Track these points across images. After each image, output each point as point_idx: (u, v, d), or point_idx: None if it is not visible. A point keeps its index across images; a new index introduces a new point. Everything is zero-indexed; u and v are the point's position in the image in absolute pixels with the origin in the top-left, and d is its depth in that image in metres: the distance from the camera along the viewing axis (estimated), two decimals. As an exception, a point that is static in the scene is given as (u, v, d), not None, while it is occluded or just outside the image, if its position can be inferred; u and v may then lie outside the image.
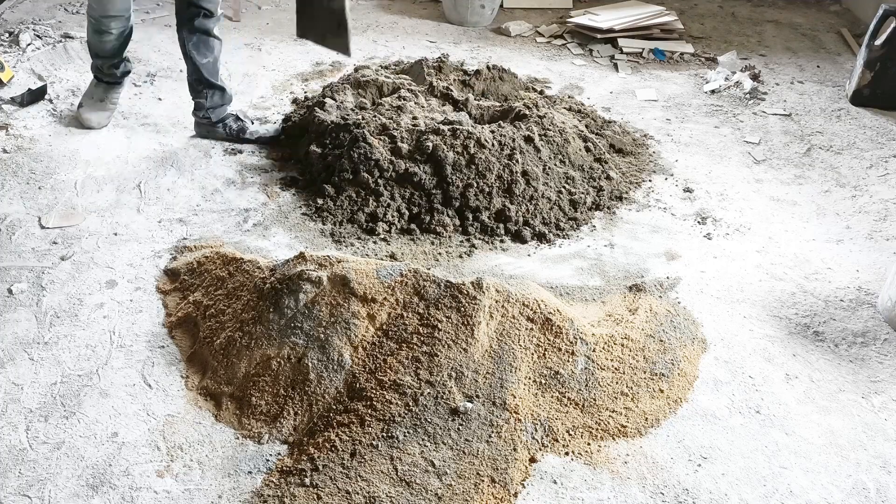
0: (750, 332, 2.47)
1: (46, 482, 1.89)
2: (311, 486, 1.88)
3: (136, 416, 2.08)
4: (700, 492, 1.95)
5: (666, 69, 4.41)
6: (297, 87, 3.93)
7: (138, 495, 1.87)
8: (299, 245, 2.76)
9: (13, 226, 2.79)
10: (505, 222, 2.91)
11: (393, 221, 2.87)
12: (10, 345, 2.28)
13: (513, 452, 1.98)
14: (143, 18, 4.65)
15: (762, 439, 2.10)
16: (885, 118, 3.88)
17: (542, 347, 2.18)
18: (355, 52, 4.39)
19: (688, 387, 2.25)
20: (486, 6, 4.80)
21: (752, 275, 2.75)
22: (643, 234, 2.95)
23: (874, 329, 2.53)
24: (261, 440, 2.03)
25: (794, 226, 3.05)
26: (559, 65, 4.41)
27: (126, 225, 2.83)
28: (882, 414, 2.21)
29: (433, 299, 2.21)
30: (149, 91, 3.81)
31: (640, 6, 4.89)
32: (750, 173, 3.41)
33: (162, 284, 2.55)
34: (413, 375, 2.07)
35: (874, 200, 3.23)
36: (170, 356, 2.28)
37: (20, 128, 3.39)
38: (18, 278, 2.54)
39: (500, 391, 2.07)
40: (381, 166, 2.95)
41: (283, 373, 2.14)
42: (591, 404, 2.13)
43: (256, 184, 3.12)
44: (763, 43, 4.82)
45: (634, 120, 3.81)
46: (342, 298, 2.21)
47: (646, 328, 2.36)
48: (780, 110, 3.97)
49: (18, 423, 2.04)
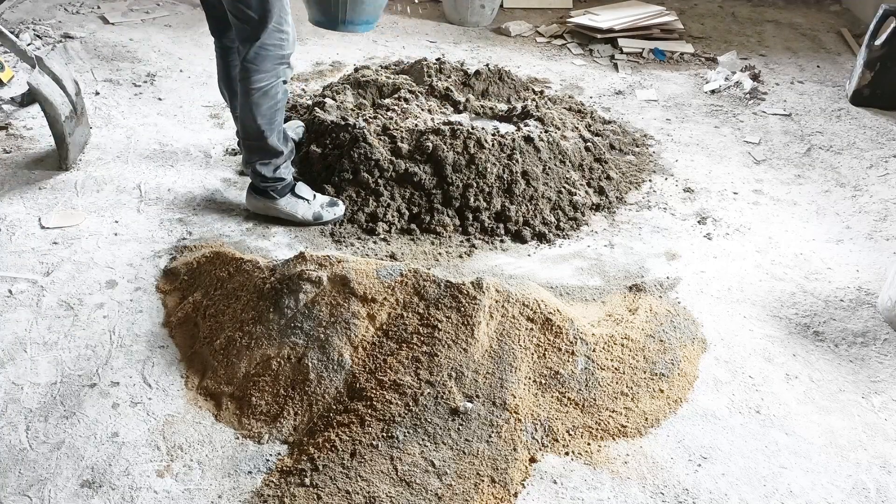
0: (750, 332, 2.47)
1: (46, 482, 1.89)
2: (311, 486, 1.88)
3: (136, 416, 2.08)
4: (700, 492, 1.95)
5: (666, 69, 4.41)
6: (297, 87, 3.93)
7: (138, 495, 1.87)
8: (299, 245, 2.76)
9: (13, 226, 2.79)
10: (505, 222, 2.91)
11: (393, 221, 2.87)
12: (10, 345, 2.28)
13: (513, 452, 1.98)
14: (143, 18, 4.66)
15: (762, 439, 2.10)
16: (885, 118, 3.88)
17: (542, 347, 2.18)
18: (355, 52, 4.40)
19: (688, 387, 2.25)
20: (486, 6, 4.80)
21: (752, 275, 2.75)
22: (643, 234, 2.95)
23: (874, 329, 2.53)
24: (261, 440, 2.03)
25: (794, 226, 3.05)
26: (559, 65, 4.41)
27: (126, 225, 2.83)
28: (882, 414, 2.21)
29: (433, 299, 2.21)
30: (149, 91, 3.81)
31: (640, 6, 4.89)
32: (750, 173, 3.41)
33: (162, 284, 2.54)
34: (413, 375, 2.07)
35: (874, 200, 3.23)
36: (170, 356, 2.28)
37: (20, 128, 3.39)
38: (18, 278, 2.54)
39: (500, 391, 2.07)
40: (381, 166, 2.95)
41: (283, 373, 2.14)
42: (591, 404, 2.13)
43: (256, 184, 3.12)
44: (763, 43, 4.82)
45: (634, 120, 3.81)
46: (342, 298, 2.21)
47: (646, 328, 2.36)
48: (780, 110, 3.97)
49: (18, 423, 2.04)
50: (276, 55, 2.54)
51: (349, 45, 4.49)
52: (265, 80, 2.56)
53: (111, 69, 4.00)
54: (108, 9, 4.74)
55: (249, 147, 2.72)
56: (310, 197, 2.85)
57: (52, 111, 2.94)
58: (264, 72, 2.55)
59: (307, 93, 3.85)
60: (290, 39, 2.58)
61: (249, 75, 2.55)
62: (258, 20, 2.45)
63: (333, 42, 4.52)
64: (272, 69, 2.56)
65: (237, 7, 2.45)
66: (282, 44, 2.54)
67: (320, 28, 2.77)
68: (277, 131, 2.69)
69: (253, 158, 2.73)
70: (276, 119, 2.66)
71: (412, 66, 3.80)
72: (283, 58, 2.58)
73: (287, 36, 2.55)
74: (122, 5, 4.82)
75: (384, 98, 3.49)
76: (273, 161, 2.73)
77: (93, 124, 3.44)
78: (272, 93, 2.59)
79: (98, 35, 4.38)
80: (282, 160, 2.75)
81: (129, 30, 4.49)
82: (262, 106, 2.60)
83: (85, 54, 4.14)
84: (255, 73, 2.54)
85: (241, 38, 2.54)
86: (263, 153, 2.71)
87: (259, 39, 2.48)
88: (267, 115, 2.62)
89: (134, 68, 4.02)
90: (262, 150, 2.70)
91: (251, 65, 2.53)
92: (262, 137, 2.66)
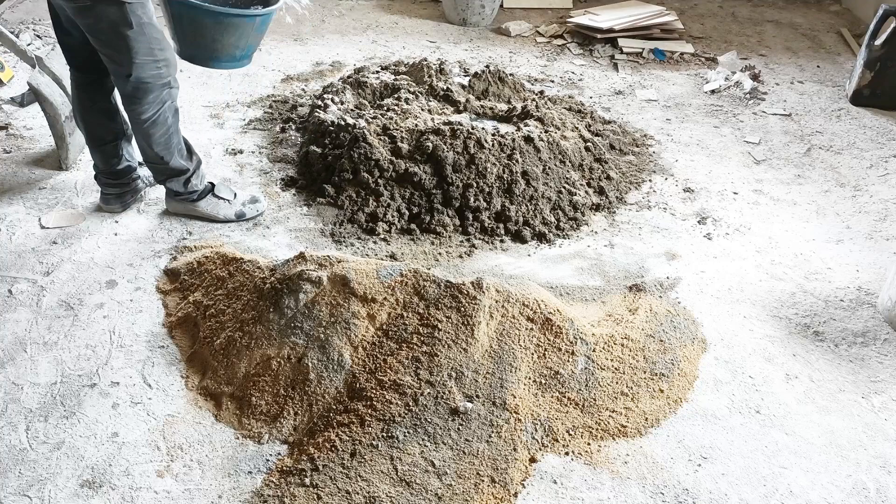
0: (750, 332, 2.47)
1: (46, 482, 1.89)
2: (311, 486, 1.88)
3: (136, 416, 2.08)
4: (700, 492, 1.95)
5: (666, 69, 4.41)
6: (297, 87, 3.93)
7: (138, 495, 1.87)
8: (299, 245, 2.76)
9: (13, 226, 2.79)
10: (505, 222, 2.91)
11: (393, 221, 2.87)
12: (10, 345, 2.28)
13: (513, 452, 1.98)
14: (143, 18, 4.65)
15: (762, 439, 2.10)
16: (885, 118, 3.88)
17: (542, 347, 2.18)
18: (355, 52, 4.40)
19: (688, 387, 2.25)
20: (486, 6, 4.80)
21: (752, 275, 2.75)
22: (643, 234, 2.95)
23: (874, 329, 2.53)
24: (261, 440, 2.03)
25: (794, 226, 3.05)
26: (559, 65, 4.41)
27: (126, 225, 2.83)
28: (882, 414, 2.21)
29: (433, 299, 2.21)
30: (149, 91, 3.81)
31: (640, 6, 4.89)
32: (750, 173, 3.41)
33: (162, 284, 2.54)
34: (413, 375, 2.07)
35: (874, 200, 3.23)
36: (170, 356, 2.28)
37: (20, 128, 3.39)
38: (18, 278, 2.54)
39: (500, 391, 2.07)
40: (381, 166, 2.95)
41: (283, 373, 2.14)
42: (591, 404, 2.13)
43: (256, 184, 3.12)
44: (763, 43, 4.82)
45: (634, 120, 3.81)
46: (342, 298, 2.21)
47: (646, 328, 2.36)
48: (780, 110, 3.97)
49: (18, 423, 2.04)
50: (156, 85, 2.47)
51: (349, 45, 4.49)
52: (150, 111, 2.51)
53: (111, 69, 4.00)
54: (108, 9, 4.74)
55: (154, 169, 2.73)
56: (230, 197, 2.87)
57: (52, 111, 2.94)
58: (147, 103, 2.49)
59: (307, 93, 3.85)
60: (169, 64, 2.49)
61: (133, 108, 2.50)
62: (127, 59, 2.38)
63: (333, 42, 4.52)
64: (154, 99, 2.50)
65: (102, 49, 2.40)
66: (159, 73, 2.46)
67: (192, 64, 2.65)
68: (178, 151, 2.67)
69: (161, 178, 2.75)
70: (172, 142, 2.63)
71: (412, 66, 3.80)
72: (165, 84, 2.50)
73: (164, 62, 2.46)
74: (122, 5, 4.82)
75: (384, 98, 3.49)
76: (180, 177, 2.74)
77: (93, 124, 3.44)
78: (160, 120, 2.55)
79: (98, 35, 4.38)
80: (190, 174, 2.75)
81: (129, 30, 4.49)
82: (154, 135, 2.57)
83: (85, 54, 4.14)
84: (138, 106, 2.49)
85: (115, 74, 2.48)
86: (169, 173, 2.72)
87: (132, 75, 2.41)
88: (161, 142, 2.60)
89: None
90: (167, 171, 2.71)
91: (132, 98, 2.48)
92: (163, 162, 2.65)
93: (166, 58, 2.47)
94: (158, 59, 2.44)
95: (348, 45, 4.50)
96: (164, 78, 2.49)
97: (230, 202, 2.86)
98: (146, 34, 2.37)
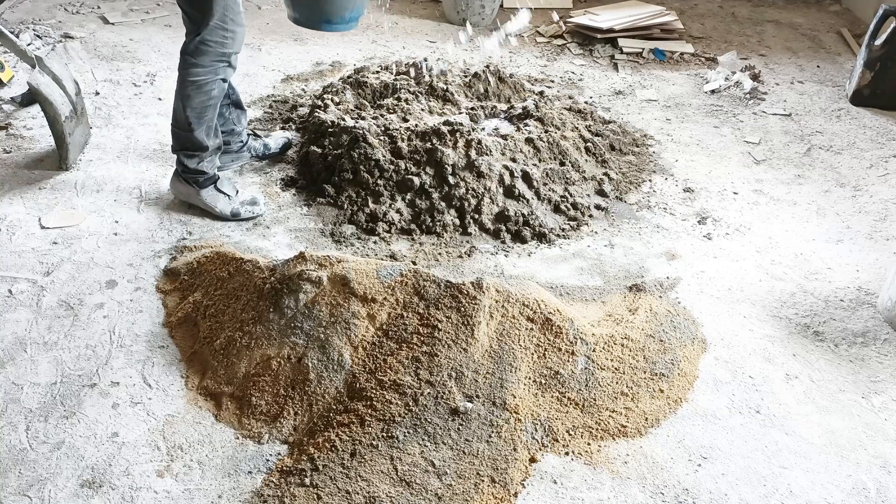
0: (750, 332, 2.47)
1: (46, 482, 1.89)
2: (311, 486, 1.88)
3: (136, 416, 2.08)
4: (700, 492, 1.95)
5: (666, 69, 4.41)
6: (297, 87, 3.93)
7: (138, 495, 1.87)
8: (299, 245, 2.76)
9: (13, 226, 2.79)
10: (505, 222, 2.91)
11: (393, 221, 2.87)
12: (10, 345, 2.28)
13: (513, 452, 1.98)
14: (143, 18, 4.65)
15: (762, 439, 2.10)
16: (885, 118, 3.88)
17: (542, 347, 2.18)
18: (355, 52, 4.40)
19: (688, 387, 2.25)
20: (486, 6, 4.80)
21: (752, 275, 2.75)
22: (643, 234, 2.95)
23: (874, 329, 2.53)
24: (261, 440, 2.03)
25: (794, 226, 3.05)
26: (559, 65, 4.41)
27: (126, 225, 2.83)
28: (882, 414, 2.21)
29: (433, 299, 2.21)
30: (149, 91, 3.81)
31: (640, 6, 4.89)
32: (750, 173, 3.41)
33: (162, 284, 2.54)
34: (413, 375, 2.07)
35: (874, 200, 3.23)
36: (170, 356, 2.28)
37: (20, 128, 3.39)
38: (18, 278, 2.54)
39: (500, 391, 2.07)
40: (381, 167, 2.95)
41: (283, 373, 2.14)
42: (591, 404, 2.13)
43: (256, 184, 3.12)
44: (763, 43, 4.82)
45: (634, 120, 3.81)
46: (342, 298, 2.21)
47: (646, 328, 2.36)
48: (780, 110, 3.97)
49: (18, 423, 2.04)
50: (217, 52, 2.57)
51: (349, 45, 4.49)
52: (201, 75, 2.59)
53: (111, 69, 4.00)
54: (108, 9, 4.74)
55: (176, 135, 2.77)
56: (231, 193, 2.89)
57: (52, 111, 2.94)
58: (201, 66, 2.58)
59: (307, 93, 3.85)
60: (236, 39, 2.59)
61: (187, 67, 2.59)
62: (200, 15, 2.51)
63: (333, 42, 4.52)
64: (210, 65, 2.58)
65: (185, 7, 2.56)
66: (224, 41, 2.56)
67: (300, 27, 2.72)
68: (207, 126, 2.72)
69: (178, 147, 2.79)
70: (206, 115, 2.69)
71: (412, 66, 3.80)
72: (224, 56, 2.60)
73: (232, 35, 2.57)
74: (122, 5, 4.82)
75: (384, 98, 3.49)
76: (198, 154, 2.78)
77: (93, 124, 3.44)
78: (206, 88, 2.62)
79: (98, 35, 4.38)
80: (206, 155, 2.79)
81: (129, 30, 4.49)
82: (193, 99, 2.63)
83: (85, 54, 4.14)
84: (192, 66, 2.58)
85: (187, 30, 2.62)
86: (189, 144, 2.75)
87: (200, 34, 2.53)
88: (197, 109, 2.65)
89: (134, 68, 4.02)
90: (188, 141, 2.74)
91: (190, 57, 2.57)
92: (189, 129, 2.70)
93: (234, 31, 2.57)
94: (227, 29, 2.55)
95: (348, 45, 4.50)
96: (227, 48, 2.59)
97: (230, 198, 2.88)
98: (226, 1, 2.50)
